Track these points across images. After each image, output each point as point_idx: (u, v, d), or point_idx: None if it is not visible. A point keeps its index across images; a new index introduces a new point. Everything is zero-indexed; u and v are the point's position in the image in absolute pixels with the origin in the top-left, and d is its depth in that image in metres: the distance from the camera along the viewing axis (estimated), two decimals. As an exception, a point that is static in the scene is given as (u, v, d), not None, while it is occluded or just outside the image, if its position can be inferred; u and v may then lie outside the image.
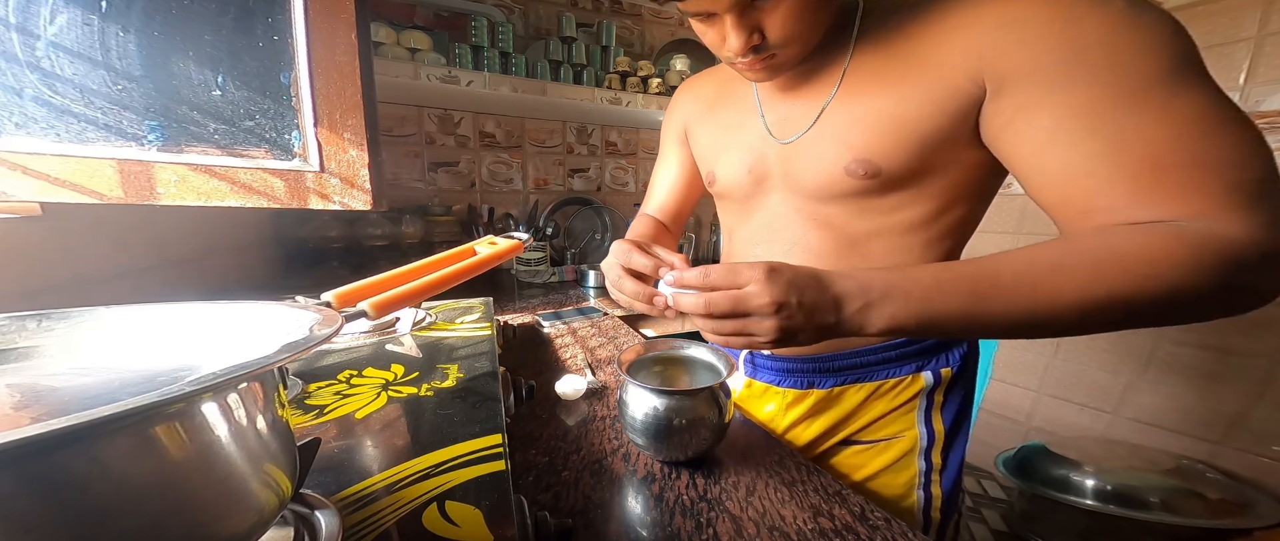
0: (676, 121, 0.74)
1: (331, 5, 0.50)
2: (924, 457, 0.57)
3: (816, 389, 0.60)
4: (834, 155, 0.50)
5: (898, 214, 0.50)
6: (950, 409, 0.58)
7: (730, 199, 0.65)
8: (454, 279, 0.47)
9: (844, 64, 0.50)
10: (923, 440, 0.57)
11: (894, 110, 0.46)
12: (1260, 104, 1.22)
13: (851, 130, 0.48)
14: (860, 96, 0.48)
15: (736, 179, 0.61)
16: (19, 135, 0.43)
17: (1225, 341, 1.32)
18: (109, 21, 0.44)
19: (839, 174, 0.49)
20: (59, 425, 0.14)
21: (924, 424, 0.57)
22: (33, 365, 0.26)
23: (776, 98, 0.56)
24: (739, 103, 0.61)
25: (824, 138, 0.51)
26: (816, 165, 0.51)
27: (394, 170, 1.51)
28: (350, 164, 0.54)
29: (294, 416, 0.41)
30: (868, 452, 0.59)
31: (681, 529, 0.38)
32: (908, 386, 0.57)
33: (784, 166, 0.56)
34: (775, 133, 0.56)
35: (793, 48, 0.46)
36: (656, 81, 1.54)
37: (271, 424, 0.23)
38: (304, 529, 0.28)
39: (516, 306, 1.19)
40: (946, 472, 0.58)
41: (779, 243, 0.58)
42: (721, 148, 0.63)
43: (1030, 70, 0.38)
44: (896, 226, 0.51)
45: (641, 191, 1.90)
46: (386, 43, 1.21)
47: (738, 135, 0.60)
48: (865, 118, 0.47)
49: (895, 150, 0.46)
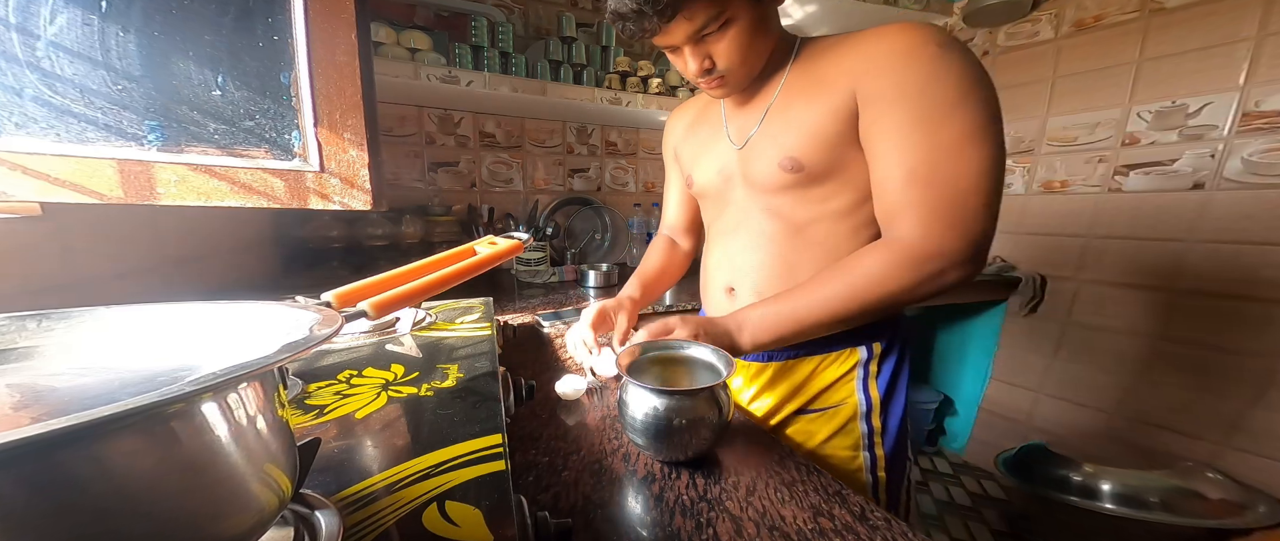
0: (669, 145, 0.89)
1: (331, 5, 0.50)
2: (865, 421, 0.67)
3: (774, 361, 0.71)
4: (772, 155, 0.62)
5: (828, 204, 0.62)
6: (883, 378, 0.68)
7: (706, 198, 0.78)
8: (454, 279, 0.47)
9: (780, 82, 0.63)
10: (862, 405, 0.67)
11: (810, 117, 0.58)
12: (1260, 104, 1.22)
13: (783, 134, 0.61)
14: (789, 107, 0.61)
15: (709, 179, 0.74)
16: (19, 135, 0.43)
17: (1225, 341, 1.32)
18: (109, 21, 0.44)
19: (776, 170, 0.62)
20: (59, 425, 0.14)
21: (862, 391, 0.67)
22: (33, 365, 0.26)
23: (735, 111, 0.70)
24: (711, 121, 0.75)
25: (765, 140, 0.64)
26: (761, 163, 0.64)
27: (394, 170, 1.51)
28: (350, 164, 0.54)
29: (294, 416, 0.41)
30: (818, 420, 0.69)
31: (681, 529, 0.38)
32: (846, 358, 0.68)
33: (742, 166, 0.68)
34: (734, 139, 0.69)
35: (738, 71, 0.59)
36: (656, 81, 1.54)
37: (271, 424, 0.23)
38: (304, 529, 0.28)
39: (516, 306, 1.19)
40: (887, 435, 0.68)
41: (743, 232, 0.70)
42: (699, 156, 0.76)
43: (877, 92, 0.53)
44: (829, 214, 0.62)
45: (641, 191, 1.90)
46: (386, 43, 1.21)
47: (710, 145, 0.74)
48: (792, 124, 0.60)
49: (812, 149, 0.59)
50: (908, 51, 0.51)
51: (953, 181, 0.50)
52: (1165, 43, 1.34)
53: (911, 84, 0.51)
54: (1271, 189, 1.23)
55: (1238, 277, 1.29)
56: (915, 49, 0.51)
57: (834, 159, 0.59)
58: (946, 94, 0.50)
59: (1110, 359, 1.52)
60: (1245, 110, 1.25)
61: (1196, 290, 1.36)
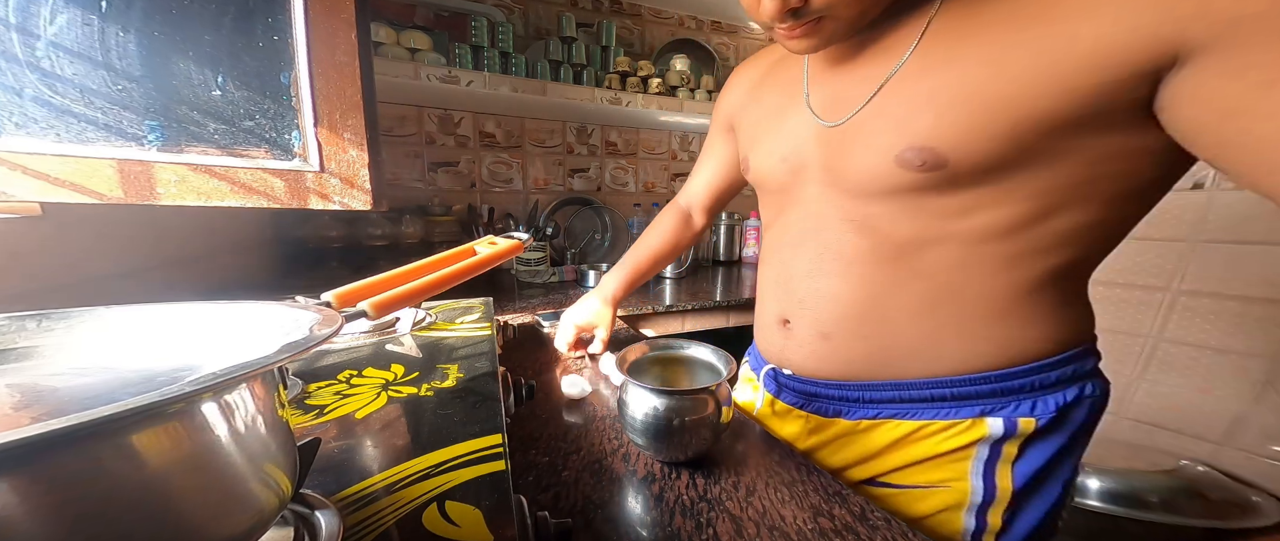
0: (723, 108, 0.67)
1: (331, 5, 0.50)
2: (974, 515, 0.46)
3: (843, 419, 0.51)
4: (886, 141, 0.41)
5: (966, 219, 0.40)
6: (1028, 464, 0.45)
7: (765, 191, 0.58)
8: (454, 279, 0.47)
9: (921, 29, 0.40)
10: (976, 495, 0.46)
11: (983, 85, 0.36)
12: (1260, 104, 1.22)
13: (915, 110, 0.39)
14: (936, 69, 0.38)
15: (769, 167, 0.53)
16: (19, 135, 0.43)
17: (1225, 341, 1.32)
18: (109, 21, 0.44)
19: (888, 164, 0.41)
20: (59, 425, 0.14)
21: (981, 477, 0.46)
22: (33, 365, 0.25)
23: (828, 73, 0.47)
24: (786, 82, 0.53)
25: (877, 119, 0.42)
26: (863, 152, 0.43)
27: (394, 170, 1.51)
28: (350, 164, 0.54)
29: (294, 416, 0.41)
30: (897, 497, 0.49)
31: (681, 529, 0.38)
32: (963, 431, 0.46)
33: (825, 154, 0.47)
34: (820, 114, 0.47)
35: (843, 10, 0.38)
36: (656, 81, 1.54)
37: (271, 424, 0.23)
38: (304, 529, 0.28)
39: (516, 306, 1.19)
40: (1008, 537, 0.46)
41: (809, 246, 0.50)
42: (760, 132, 0.55)
43: (1248, 28, 0.27)
44: (962, 235, 0.41)
45: (641, 191, 1.90)
46: (386, 43, 1.21)
47: (778, 118, 0.52)
48: (938, 94, 0.38)
49: (973, 136, 0.37)
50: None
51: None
52: (1165, 43, 1.34)
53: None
54: (1272, 189, 1.23)
55: (1238, 277, 1.29)
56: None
57: (1016, 153, 0.36)
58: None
59: (1110, 358, 1.52)
60: (1245, 110, 1.25)
61: (1197, 290, 1.36)
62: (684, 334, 1.35)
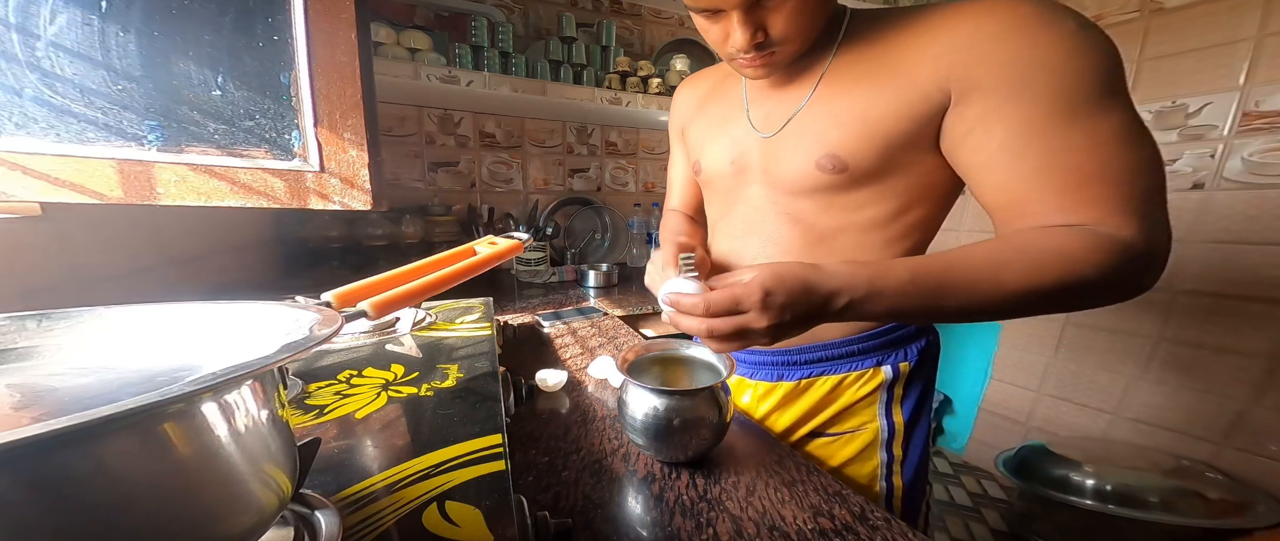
0: (676, 120, 0.77)
1: (331, 5, 0.50)
2: (886, 449, 0.60)
3: (785, 380, 0.63)
4: (807, 150, 0.53)
5: (862, 212, 0.54)
6: (909, 402, 0.61)
7: (713, 189, 0.68)
8: (454, 279, 0.47)
9: (825, 65, 0.53)
10: (883, 432, 0.60)
11: (865, 110, 0.49)
12: (1260, 104, 1.22)
13: (825, 127, 0.52)
14: (836, 96, 0.51)
15: (719, 169, 0.64)
16: (19, 135, 0.43)
17: (1225, 341, 1.32)
18: (109, 21, 0.44)
19: (810, 168, 0.53)
20: (59, 425, 0.14)
21: (885, 416, 0.60)
22: (33, 365, 0.26)
23: (762, 94, 0.59)
24: (728, 98, 0.64)
25: (800, 133, 0.54)
26: (792, 158, 0.54)
27: (394, 170, 1.51)
28: (350, 164, 0.54)
29: (294, 416, 0.41)
30: (835, 444, 0.62)
31: (681, 529, 0.38)
32: (869, 380, 0.60)
33: (764, 160, 0.58)
34: (758, 127, 0.59)
35: (792, 45, 0.49)
36: (656, 81, 1.54)
37: (271, 424, 0.23)
38: (304, 529, 0.28)
39: (516, 306, 1.19)
40: (907, 463, 0.61)
41: (755, 235, 0.61)
42: (708, 139, 0.66)
43: (991, 83, 0.42)
44: (860, 223, 0.54)
45: (641, 191, 1.90)
46: (386, 43, 1.21)
47: (724, 128, 0.63)
48: (838, 116, 0.51)
49: (862, 147, 0.49)
50: (1036, 27, 0.41)
51: (1130, 178, 0.41)
52: (1165, 42, 1.33)
53: (1055, 69, 0.40)
54: (1271, 189, 1.23)
55: (1238, 278, 1.29)
56: (1047, 25, 0.41)
57: (887, 162, 0.49)
58: (1099, 80, 0.40)
59: (1110, 358, 1.52)
60: (1245, 110, 1.24)
61: (1196, 290, 1.36)
62: (684, 334, 1.35)
